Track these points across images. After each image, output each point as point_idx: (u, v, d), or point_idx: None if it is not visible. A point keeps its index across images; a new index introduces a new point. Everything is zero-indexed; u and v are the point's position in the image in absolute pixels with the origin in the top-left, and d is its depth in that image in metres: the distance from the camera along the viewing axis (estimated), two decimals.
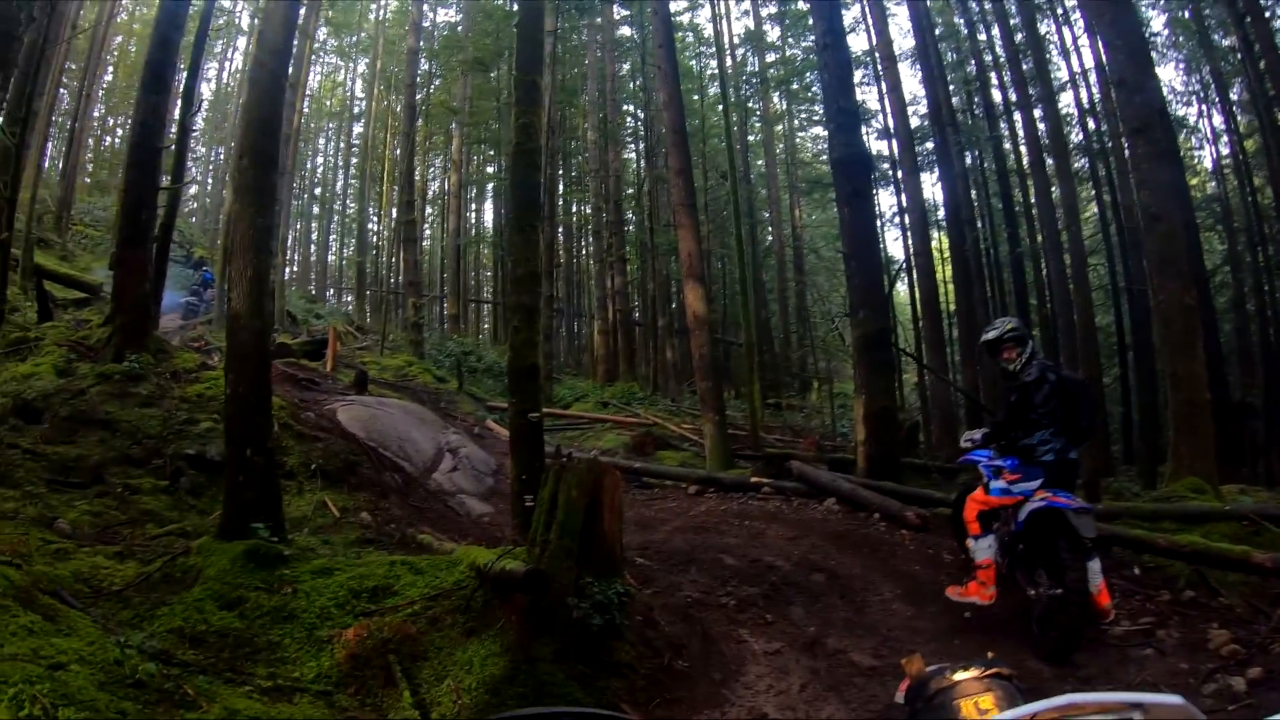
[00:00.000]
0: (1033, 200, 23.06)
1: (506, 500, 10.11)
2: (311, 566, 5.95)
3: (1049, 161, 20.85)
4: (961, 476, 14.19)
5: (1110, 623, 6.26)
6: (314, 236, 56.78)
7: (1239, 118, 23.34)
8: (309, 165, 54.31)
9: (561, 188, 37.48)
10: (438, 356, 27.27)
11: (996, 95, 25.74)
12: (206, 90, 47.11)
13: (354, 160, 52.16)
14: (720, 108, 21.92)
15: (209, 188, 49.43)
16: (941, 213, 27.03)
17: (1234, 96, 23.36)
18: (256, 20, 28.02)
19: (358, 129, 51.11)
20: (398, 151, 33.44)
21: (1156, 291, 11.73)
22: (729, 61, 33.27)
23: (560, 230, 37.05)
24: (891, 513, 9.64)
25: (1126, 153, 16.19)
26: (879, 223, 24.84)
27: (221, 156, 46.65)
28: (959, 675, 1.90)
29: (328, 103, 53.14)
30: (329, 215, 56.33)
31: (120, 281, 11.91)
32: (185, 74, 16.24)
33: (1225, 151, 25.07)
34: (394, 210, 36.90)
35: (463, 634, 5.16)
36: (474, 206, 48.76)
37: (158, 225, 13.00)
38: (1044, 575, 6.11)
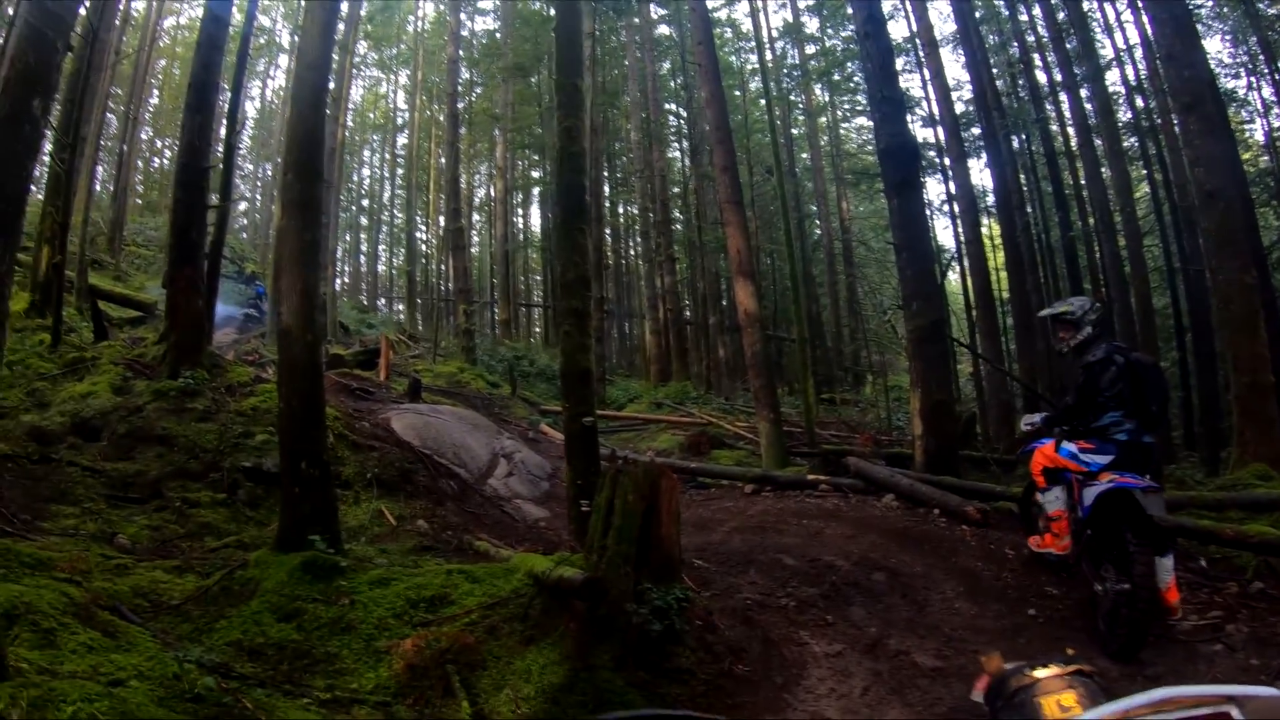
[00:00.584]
0: (1083, 182, 22.60)
1: (562, 504, 10.06)
2: (369, 577, 5.94)
3: (1097, 142, 20.42)
4: (1020, 469, 13.96)
5: (1178, 618, 6.02)
6: (364, 248, 57.55)
7: None
8: (355, 177, 55.03)
9: (608, 189, 37.54)
10: (490, 362, 27.41)
11: (1041, 77, 25.28)
12: (251, 109, 48.18)
13: (399, 171, 52.53)
14: (763, 102, 21.67)
15: (258, 203, 50.31)
16: (990, 199, 26.67)
17: None
18: (296, 37, 28.38)
19: (402, 140, 51.43)
20: (442, 160, 33.68)
21: (1215, 271, 11.44)
22: (769, 55, 33.01)
23: (608, 231, 37.16)
24: (951, 508, 9.44)
25: (1178, 129, 15.75)
26: (928, 211, 24.43)
27: (269, 172, 47.39)
28: (1039, 673, 1.82)
29: (371, 115, 53.59)
30: (377, 226, 56.89)
31: (173, 299, 12.10)
32: (229, 94, 16.48)
33: (1278, 124, 24.41)
34: (441, 218, 37.18)
35: (521, 642, 5.12)
36: (520, 211, 49.20)
37: (208, 243, 13.16)
38: (1111, 570, 5.88)
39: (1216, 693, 1.13)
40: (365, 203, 56.75)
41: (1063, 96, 23.30)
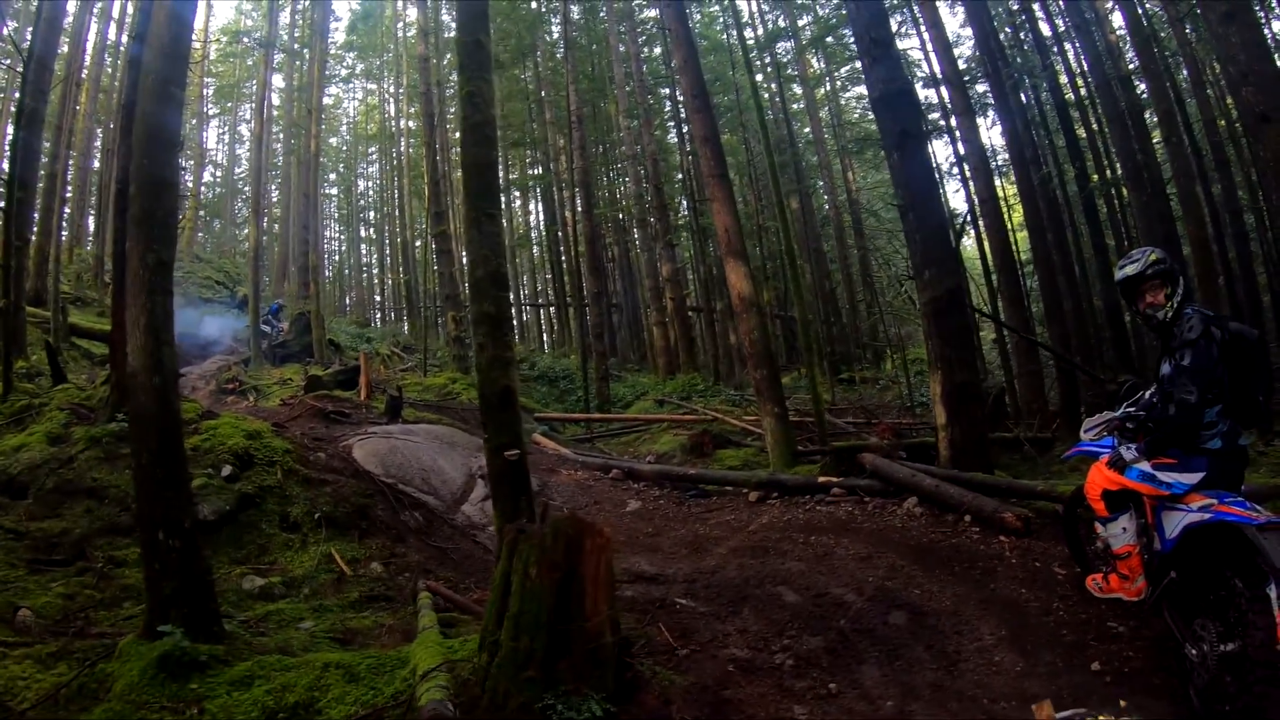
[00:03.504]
0: (1102, 129, 21.08)
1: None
2: (230, 675, 4.69)
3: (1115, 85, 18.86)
4: (1057, 448, 12.55)
5: None
6: (374, 260, 57.73)
7: None
8: (354, 190, 55.58)
9: (606, 180, 36.71)
10: None
11: (1044, 28, 23.72)
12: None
13: (396, 180, 52.18)
14: (758, 79, 20.27)
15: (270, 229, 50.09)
16: (1001, 158, 25.27)
17: None
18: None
19: (399, 150, 51.07)
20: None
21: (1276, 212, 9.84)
22: (757, 28, 31.90)
23: (614, 221, 36.94)
24: (985, 514, 7.98)
25: (1213, 42, 13.54)
26: (936, 176, 22.94)
27: (275, 195, 47.27)
28: None
29: (369, 128, 53.92)
30: (384, 239, 56.72)
31: (114, 335, 11.02)
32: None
33: None
34: None
35: None
36: (520, 210, 48.48)
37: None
38: (1211, 626, 4.21)
39: None
40: (371, 215, 57.04)
41: (1066, 45, 21.87)
